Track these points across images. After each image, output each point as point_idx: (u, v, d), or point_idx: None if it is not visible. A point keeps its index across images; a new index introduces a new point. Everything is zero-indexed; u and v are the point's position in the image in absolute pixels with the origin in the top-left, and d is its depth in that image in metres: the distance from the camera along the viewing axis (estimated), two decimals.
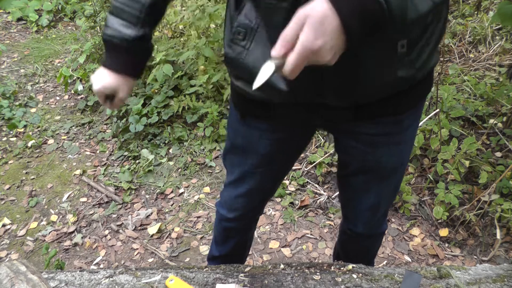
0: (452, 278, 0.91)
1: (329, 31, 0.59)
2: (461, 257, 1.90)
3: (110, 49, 0.98)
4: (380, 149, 0.98)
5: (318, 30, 0.58)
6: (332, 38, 0.59)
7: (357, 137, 0.97)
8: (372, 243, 1.33)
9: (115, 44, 0.95)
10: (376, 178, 1.05)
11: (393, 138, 0.96)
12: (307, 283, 0.91)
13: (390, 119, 0.92)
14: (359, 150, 1.00)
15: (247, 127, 1.03)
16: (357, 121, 0.93)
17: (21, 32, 4.70)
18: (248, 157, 1.08)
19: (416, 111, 0.97)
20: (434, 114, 2.11)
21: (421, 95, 0.94)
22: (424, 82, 0.90)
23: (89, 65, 3.36)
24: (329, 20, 0.58)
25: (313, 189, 2.33)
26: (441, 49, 3.03)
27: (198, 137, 2.76)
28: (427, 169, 2.22)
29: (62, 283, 0.91)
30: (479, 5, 2.99)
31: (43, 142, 2.89)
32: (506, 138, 2.22)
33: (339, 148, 1.07)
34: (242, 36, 0.81)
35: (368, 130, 0.94)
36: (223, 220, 1.29)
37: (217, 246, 1.40)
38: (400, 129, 0.95)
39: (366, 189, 1.09)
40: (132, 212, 2.29)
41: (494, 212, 1.87)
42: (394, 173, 1.05)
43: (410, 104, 0.92)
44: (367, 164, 1.02)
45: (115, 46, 0.96)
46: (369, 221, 1.18)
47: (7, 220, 2.27)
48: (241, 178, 1.14)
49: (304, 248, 2.00)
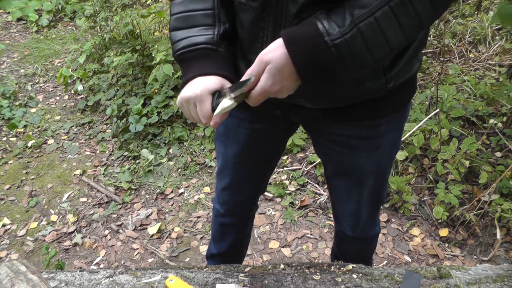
0: (452, 278, 0.91)
1: (286, 78, 0.68)
2: (461, 257, 1.90)
3: (192, 61, 0.84)
4: (356, 152, 0.97)
5: (276, 77, 0.68)
6: (288, 83, 0.69)
7: (333, 138, 0.98)
8: (365, 246, 1.32)
9: (198, 53, 0.82)
10: (355, 182, 1.05)
11: (369, 142, 0.95)
12: (307, 283, 0.91)
13: (366, 123, 0.92)
14: (335, 152, 1.00)
15: None
16: (330, 122, 0.93)
17: (21, 32, 4.70)
18: (228, 146, 1.10)
19: (396, 118, 0.95)
20: (434, 114, 2.11)
21: (400, 102, 0.93)
22: (402, 89, 0.88)
23: (89, 65, 3.36)
24: (286, 70, 0.67)
25: (313, 189, 2.33)
26: (441, 49, 3.03)
27: (198, 137, 2.76)
28: (427, 169, 2.22)
29: (62, 283, 0.91)
30: (479, 5, 2.99)
31: (43, 142, 2.89)
32: (506, 138, 2.22)
33: (318, 149, 1.08)
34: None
35: (343, 132, 0.94)
36: (218, 216, 1.32)
37: (215, 244, 1.42)
38: (376, 133, 0.94)
39: (347, 193, 1.09)
40: (132, 212, 2.29)
41: (494, 212, 1.87)
42: (371, 178, 1.03)
43: (388, 110, 0.91)
44: (345, 167, 1.02)
45: (200, 55, 0.82)
46: (355, 225, 1.18)
47: (7, 220, 2.27)
48: (223, 168, 1.16)
49: (304, 248, 2.00)
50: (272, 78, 0.68)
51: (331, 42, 0.64)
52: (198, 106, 0.78)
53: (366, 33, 0.63)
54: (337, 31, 0.64)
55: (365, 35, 0.64)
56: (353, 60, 0.66)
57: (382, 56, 0.68)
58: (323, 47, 0.64)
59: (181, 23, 0.83)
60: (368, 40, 0.64)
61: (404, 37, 0.66)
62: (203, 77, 0.79)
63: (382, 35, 0.64)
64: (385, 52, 0.67)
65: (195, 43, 0.81)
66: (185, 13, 0.83)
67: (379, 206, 1.18)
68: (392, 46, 0.66)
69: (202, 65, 0.81)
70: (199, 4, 0.83)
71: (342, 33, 0.64)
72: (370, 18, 0.63)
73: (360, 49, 0.64)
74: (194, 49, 0.82)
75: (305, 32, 0.66)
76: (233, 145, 1.09)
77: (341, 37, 0.64)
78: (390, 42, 0.65)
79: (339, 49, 0.64)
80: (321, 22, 0.65)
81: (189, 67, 0.82)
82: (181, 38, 0.83)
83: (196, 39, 0.81)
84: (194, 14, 0.83)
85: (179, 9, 0.84)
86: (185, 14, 0.83)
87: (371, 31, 0.63)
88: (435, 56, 3.12)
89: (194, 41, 0.81)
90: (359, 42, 0.64)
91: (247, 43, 0.83)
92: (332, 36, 0.64)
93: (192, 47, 0.82)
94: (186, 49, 0.82)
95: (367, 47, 0.64)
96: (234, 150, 1.09)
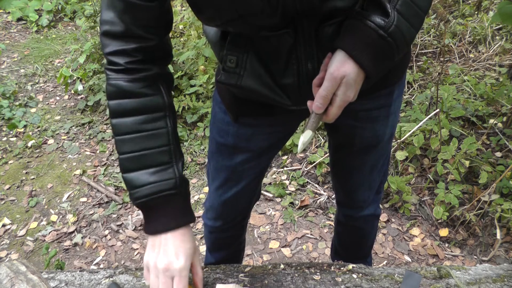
0: (452, 278, 0.91)
1: (359, 83, 0.73)
2: (461, 257, 1.90)
3: (157, 210, 0.78)
4: (376, 123, 1.00)
5: (353, 87, 0.72)
6: (359, 86, 0.73)
7: (354, 115, 0.98)
8: (368, 228, 1.33)
9: (162, 200, 0.76)
10: (375, 153, 1.07)
11: (386, 110, 0.99)
12: (307, 283, 0.91)
13: (383, 91, 0.96)
14: (357, 128, 1.01)
15: (239, 126, 1.00)
16: (358, 100, 0.94)
17: (21, 32, 4.70)
18: (237, 155, 1.04)
19: (402, 81, 1.02)
20: (434, 114, 2.11)
21: (406, 64, 0.99)
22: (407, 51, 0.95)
23: (89, 65, 3.36)
24: (360, 77, 0.71)
25: (313, 189, 2.33)
26: (441, 49, 3.03)
27: (198, 137, 2.76)
28: (427, 169, 2.22)
29: (62, 283, 0.91)
30: (479, 5, 2.99)
31: (43, 142, 2.89)
32: (506, 138, 2.22)
33: (339, 132, 1.06)
34: (234, 64, 0.81)
35: (362, 106, 0.96)
36: (213, 232, 1.26)
37: (212, 254, 1.37)
38: (390, 100, 0.99)
39: (363, 167, 1.11)
40: (132, 212, 2.29)
41: (494, 212, 1.87)
42: (388, 143, 1.09)
43: (399, 74, 0.97)
44: (366, 141, 1.03)
45: (164, 202, 0.77)
46: (365, 200, 1.20)
47: (7, 220, 2.27)
48: (227, 181, 1.10)
49: (304, 248, 2.00)
50: (352, 89, 0.72)
51: (385, 33, 0.69)
52: (176, 281, 0.74)
53: (404, 11, 0.70)
54: (386, 21, 0.69)
55: (404, 13, 0.69)
56: (405, 39, 0.71)
57: (421, 23, 0.74)
58: (381, 41, 0.69)
59: (134, 164, 0.76)
60: (409, 16, 0.70)
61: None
62: (175, 233, 0.76)
63: (415, 7, 0.71)
64: (422, 20, 0.74)
65: (156, 192, 0.75)
66: (137, 153, 0.75)
67: (386, 175, 1.21)
68: (424, 11, 0.73)
69: (168, 213, 0.77)
70: (152, 141, 0.76)
71: (390, 21, 0.69)
72: None
73: (406, 27, 0.70)
74: (156, 197, 0.76)
75: (359, 36, 0.70)
76: (243, 154, 1.04)
77: (392, 25, 0.69)
78: (422, 8, 0.72)
79: (393, 36, 0.69)
80: (366, 20, 0.70)
81: (154, 215, 0.77)
82: (139, 185, 0.76)
83: (156, 187, 0.75)
84: (148, 153, 0.76)
85: (130, 148, 0.76)
86: (137, 153, 0.75)
87: (407, 7, 0.70)
88: (435, 56, 3.12)
89: (155, 190, 0.75)
90: (403, 22, 0.70)
91: (280, 69, 0.80)
92: (383, 28, 0.69)
93: (153, 196, 0.75)
94: (146, 198, 0.76)
95: (409, 23, 0.70)
96: (245, 157, 1.04)
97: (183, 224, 0.79)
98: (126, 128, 0.76)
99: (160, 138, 0.77)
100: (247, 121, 0.99)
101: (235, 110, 0.98)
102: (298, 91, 0.82)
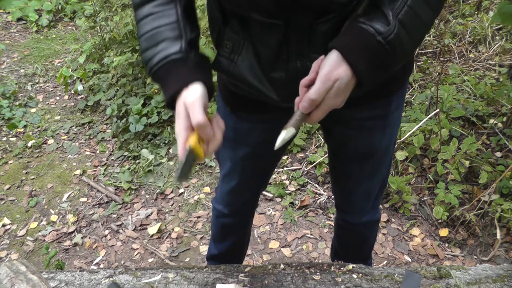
0: (452, 278, 0.91)
1: (349, 90, 0.70)
2: (461, 257, 1.90)
3: (169, 74, 0.81)
4: (372, 133, 0.99)
5: (344, 92, 0.70)
6: (349, 92, 0.71)
7: (348, 123, 0.98)
8: (367, 233, 1.33)
9: (171, 65, 0.80)
10: (371, 163, 1.06)
11: (383, 121, 0.98)
12: (307, 283, 0.91)
13: (379, 102, 0.95)
14: (351, 137, 1.01)
15: (237, 119, 1.03)
16: (345, 108, 0.94)
17: (21, 32, 4.70)
18: (238, 149, 1.09)
19: (403, 93, 1.00)
20: (434, 114, 2.11)
21: (406, 76, 0.97)
22: (408, 62, 0.93)
23: (89, 65, 3.36)
24: (352, 82, 0.69)
25: (313, 189, 2.33)
26: (441, 49, 3.03)
27: None
28: (427, 169, 2.22)
29: (62, 283, 0.91)
30: (479, 5, 2.99)
31: (43, 142, 2.89)
32: (506, 138, 2.22)
33: (331, 138, 1.08)
34: (229, 49, 0.84)
35: (358, 115, 0.95)
36: (220, 217, 1.31)
37: (215, 244, 1.41)
38: (388, 111, 0.97)
39: (360, 174, 1.10)
40: (132, 212, 2.29)
41: (494, 212, 1.87)
42: (386, 154, 1.07)
43: (398, 85, 0.95)
44: (361, 149, 1.03)
45: (172, 68, 0.80)
46: (363, 208, 1.19)
47: (7, 220, 2.27)
48: (232, 171, 1.15)
49: (304, 248, 2.00)
50: (342, 94, 0.70)
51: (383, 40, 0.67)
52: (190, 110, 0.76)
53: (406, 21, 0.68)
54: (386, 29, 0.67)
55: (405, 23, 0.68)
56: (403, 50, 0.70)
57: (422, 37, 0.73)
58: (379, 48, 0.68)
59: (150, 43, 0.82)
60: (410, 27, 0.69)
61: (434, 13, 0.71)
62: (187, 89, 0.77)
63: (418, 19, 0.69)
64: (423, 33, 0.73)
65: (166, 56, 0.79)
66: (151, 32, 0.82)
67: (385, 183, 1.20)
68: (427, 25, 0.71)
69: (180, 74, 0.78)
70: (163, 20, 0.82)
71: (390, 28, 0.67)
72: (405, 7, 0.68)
73: (405, 38, 0.69)
74: (165, 63, 0.79)
75: (357, 39, 0.68)
76: (243, 148, 1.08)
77: (391, 33, 0.67)
78: (425, 22, 0.70)
79: (392, 45, 0.68)
80: (366, 25, 0.68)
81: (167, 83, 0.80)
82: (151, 57, 0.81)
83: (165, 52, 0.80)
84: (158, 30, 0.81)
85: (146, 29, 0.82)
86: (151, 32, 0.82)
87: (409, 18, 0.68)
88: (435, 56, 3.12)
89: (164, 54, 0.79)
90: (403, 32, 0.68)
91: (270, 62, 0.81)
92: (383, 34, 0.67)
93: (161, 62, 0.80)
94: (156, 66, 0.80)
95: (410, 34, 0.69)
96: (245, 152, 1.08)
97: (193, 81, 0.76)
98: (143, 14, 0.83)
99: (169, 17, 0.82)
100: (244, 115, 1.01)
101: (231, 102, 1.01)
102: (286, 87, 0.83)
